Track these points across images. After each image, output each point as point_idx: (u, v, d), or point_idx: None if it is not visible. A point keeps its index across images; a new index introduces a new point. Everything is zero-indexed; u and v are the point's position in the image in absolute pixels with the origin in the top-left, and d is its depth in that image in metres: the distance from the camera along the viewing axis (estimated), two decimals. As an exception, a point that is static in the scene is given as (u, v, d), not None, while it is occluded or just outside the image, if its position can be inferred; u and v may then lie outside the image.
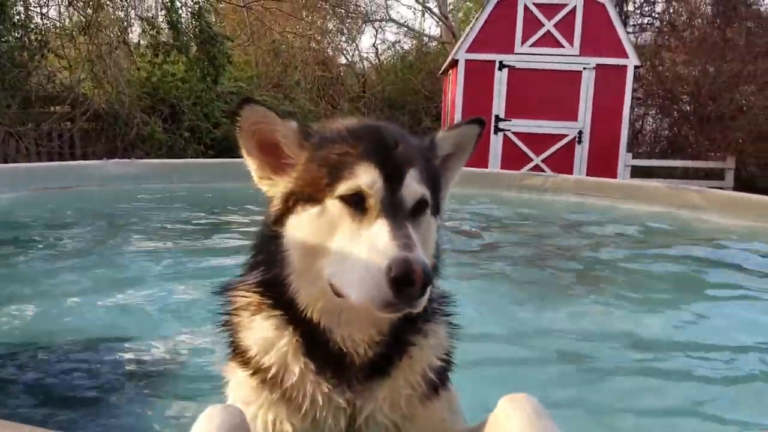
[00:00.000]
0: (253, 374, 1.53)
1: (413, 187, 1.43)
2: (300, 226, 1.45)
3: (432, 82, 21.50)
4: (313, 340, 1.49)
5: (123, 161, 8.70)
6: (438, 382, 1.59)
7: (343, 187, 1.40)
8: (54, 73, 13.87)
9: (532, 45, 13.96)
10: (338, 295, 1.38)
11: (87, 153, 13.14)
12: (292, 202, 1.49)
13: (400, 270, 1.21)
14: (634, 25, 18.70)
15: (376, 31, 25.72)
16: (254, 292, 1.57)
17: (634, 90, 14.53)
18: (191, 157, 13.42)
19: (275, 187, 1.57)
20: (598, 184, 8.66)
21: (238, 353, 1.57)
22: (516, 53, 14.01)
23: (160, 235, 6.01)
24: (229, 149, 13.24)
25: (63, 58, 13.78)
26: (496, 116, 14.16)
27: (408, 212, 1.41)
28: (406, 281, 1.21)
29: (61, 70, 14.14)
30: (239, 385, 1.57)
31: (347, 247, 1.35)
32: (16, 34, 12.29)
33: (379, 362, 1.52)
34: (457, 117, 14.35)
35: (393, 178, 1.41)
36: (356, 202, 1.39)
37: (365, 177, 1.40)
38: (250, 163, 1.60)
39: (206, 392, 2.38)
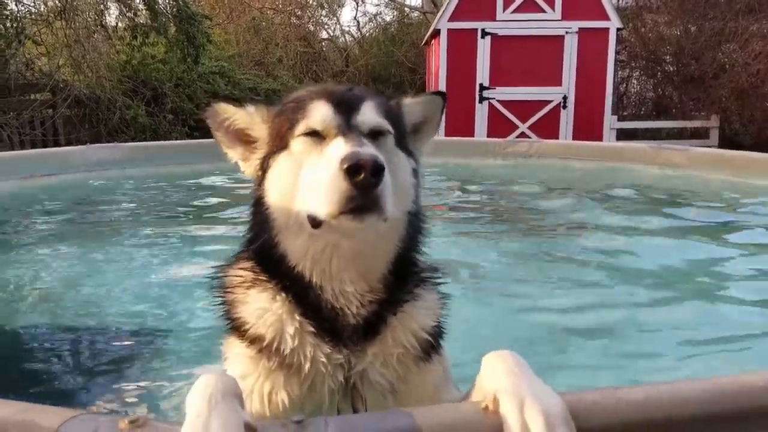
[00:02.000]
0: (250, 344, 1.56)
1: (367, 114, 1.52)
2: (274, 177, 1.54)
3: (415, 53, 21.33)
4: (308, 303, 1.54)
5: (106, 145, 8.61)
6: (430, 346, 1.62)
7: (302, 126, 1.51)
8: (32, 60, 13.66)
9: (514, 11, 13.86)
10: (316, 224, 1.42)
11: (71, 140, 12.95)
12: (266, 162, 1.59)
13: (350, 159, 1.29)
14: (615, -14, 18.59)
15: (357, 3, 25.43)
16: (247, 269, 1.62)
17: (617, 52, 14.48)
18: (176, 140, 13.31)
19: (254, 163, 1.65)
20: (582, 147, 8.69)
21: (235, 327, 1.62)
22: (498, 20, 13.91)
23: (148, 218, 6.00)
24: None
25: (41, 44, 13.59)
26: (481, 85, 14.12)
27: (364, 133, 1.49)
28: (357, 168, 1.28)
29: (40, 57, 13.95)
30: (237, 357, 1.60)
31: (313, 173, 1.43)
32: (-9, 23, 12.09)
33: (371, 322, 1.56)
34: (441, 87, 14.25)
35: (346, 109, 1.51)
36: (316, 136, 1.49)
37: (320, 112, 1.50)
38: (232, 155, 1.72)
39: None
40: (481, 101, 14.13)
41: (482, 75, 14.09)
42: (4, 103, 12.14)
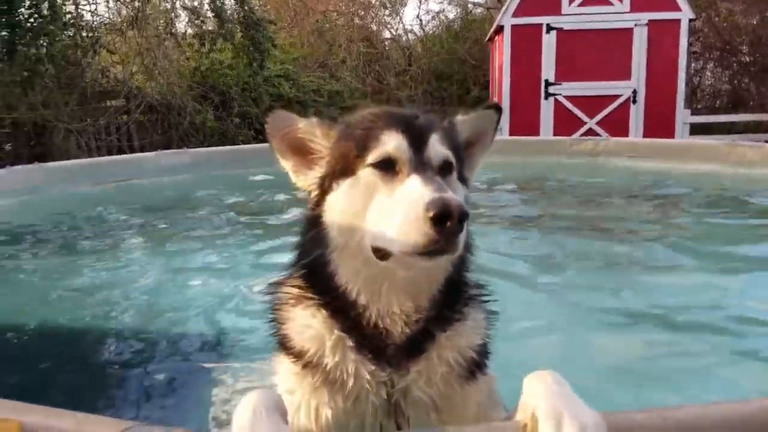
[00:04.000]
0: (296, 360, 1.60)
1: (437, 148, 1.52)
2: (337, 201, 1.53)
3: (479, 50, 21.16)
4: (352, 320, 1.55)
5: (175, 151, 8.91)
6: (475, 365, 1.62)
7: (373, 155, 1.49)
8: (107, 69, 14.25)
9: (580, 4, 13.58)
10: (383, 257, 1.43)
11: (144, 144, 13.48)
12: (327, 182, 1.58)
13: (438, 206, 1.28)
14: (686, -25, 17.95)
15: (420, 1, 25.44)
16: (295, 285, 1.66)
17: (689, 44, 13.98)
18: (242, 143, 13.65)
19: (311, 179, 1.66)
20: (650, 145, 8.45)
21: (283, 344, 1.66)
22: (563, 14, 13.66)
23: (218, 225, 6.08)
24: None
25: (114, 53, 14.16)
26: (546, 81, 13.89)
27: (436, 170, 1.49)
28: (444, 216, 1.28)
29: (114, 65, 14.54)
30: (285, 374, 1.65)
31: (385, 207, 1.43)
32: (69, 33, 12.70)
33: (417, 340, 1.56)
34: (506, 84, 14.15)
35: (417, 142, 1.50)
36: (387, 167, 1.48)
37: (392, 142, 1.49)
38: (285, 164, 1.72)
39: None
40: (546, 97, 13.90)
41: (547, 71, 13.85)
42: (81, 110, 12.70)
